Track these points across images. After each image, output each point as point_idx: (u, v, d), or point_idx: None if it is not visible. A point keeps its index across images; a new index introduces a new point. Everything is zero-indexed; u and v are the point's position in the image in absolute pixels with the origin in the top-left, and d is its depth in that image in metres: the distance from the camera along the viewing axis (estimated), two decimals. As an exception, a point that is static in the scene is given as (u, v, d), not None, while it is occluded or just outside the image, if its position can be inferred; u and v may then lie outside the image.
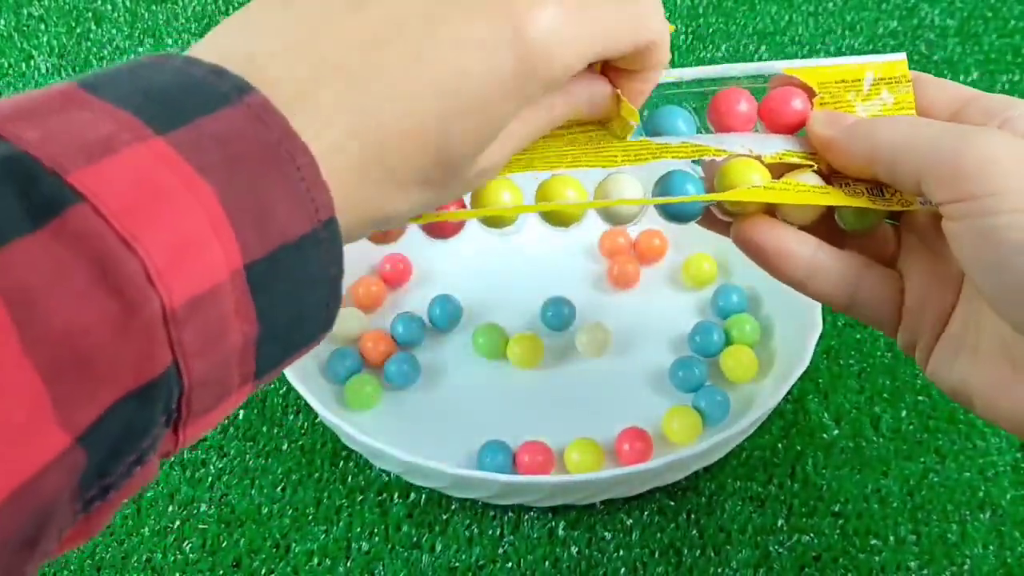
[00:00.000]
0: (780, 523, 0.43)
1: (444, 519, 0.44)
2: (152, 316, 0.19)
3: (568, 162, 0.33)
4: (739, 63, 0.34)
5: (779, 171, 0.33)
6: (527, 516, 0.44)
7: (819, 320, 0.45)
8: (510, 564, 0.42)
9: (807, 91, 0.34)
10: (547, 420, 0.46)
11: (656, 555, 0.43)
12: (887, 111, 0.34)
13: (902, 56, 0.34)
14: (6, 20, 0.66)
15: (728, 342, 0.48)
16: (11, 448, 0.18)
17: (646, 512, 0.44)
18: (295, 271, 0.22)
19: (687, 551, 0.43)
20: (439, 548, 0.43)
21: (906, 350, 0.33)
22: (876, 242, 0.34)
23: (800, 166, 0.33)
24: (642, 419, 0.45)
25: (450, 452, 0.44)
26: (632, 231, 0.53)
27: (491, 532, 0.43)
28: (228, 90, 0.22)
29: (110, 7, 0.67)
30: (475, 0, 0.25)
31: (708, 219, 0.35)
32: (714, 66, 0.34)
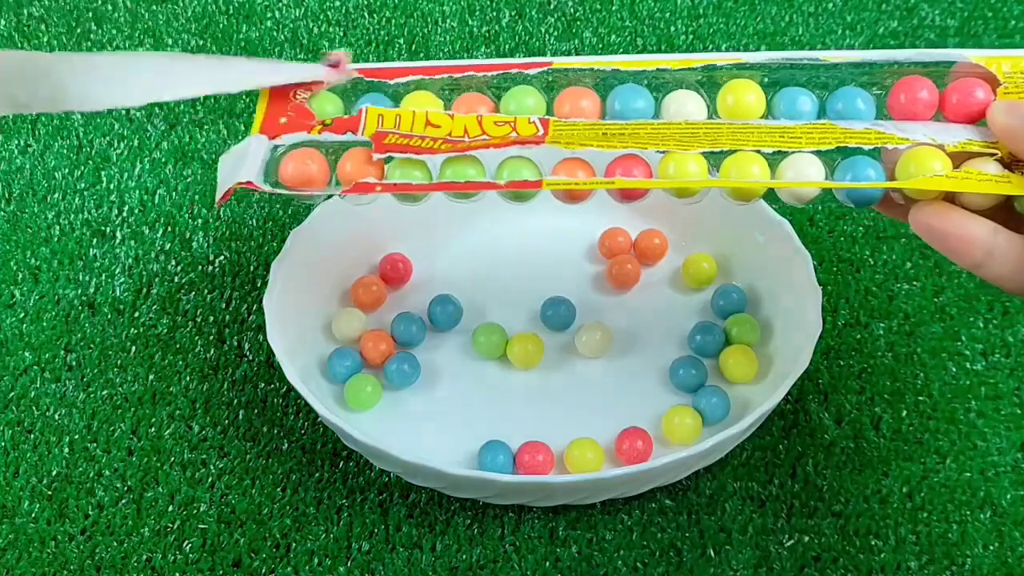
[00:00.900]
0: (780, 523, 0.43)
1: (444, 519, 0.44)
2: None
3: (753, 141, 0.35)
4: (920, 49, 0.35)
5: (960, 159, 0.34)
6: (527, 516, 0.44)
7: (819, 320, 0.45)
8: (511, 564, 0.42)
9: (990, 81, 0.35)
10: (547, 420, 0.46)
11: (656, 555, 0.43)
12: None
13: None
14: (6, 20, 0.66)
15: (728, 342, 0.48)
16: None
17: (646, 512, 0.44)
18: None
19: (687, 551, 0.43)
20: (439, 548, 0.43)
21: None
22: None
23: (982, 154, 0.34)
24: (642, 419, 0.45)
25: (450, 452, 0.44)
26: (632, 231, 0.53)
27: (492, 532, 0.43)
28: None
29: (110, 7, 0.67)
30: None
31: (885, 204, 0.36)
32: (894, 51, 0.35)
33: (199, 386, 0.48)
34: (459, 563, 0.42)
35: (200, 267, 0.53)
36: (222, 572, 0.42)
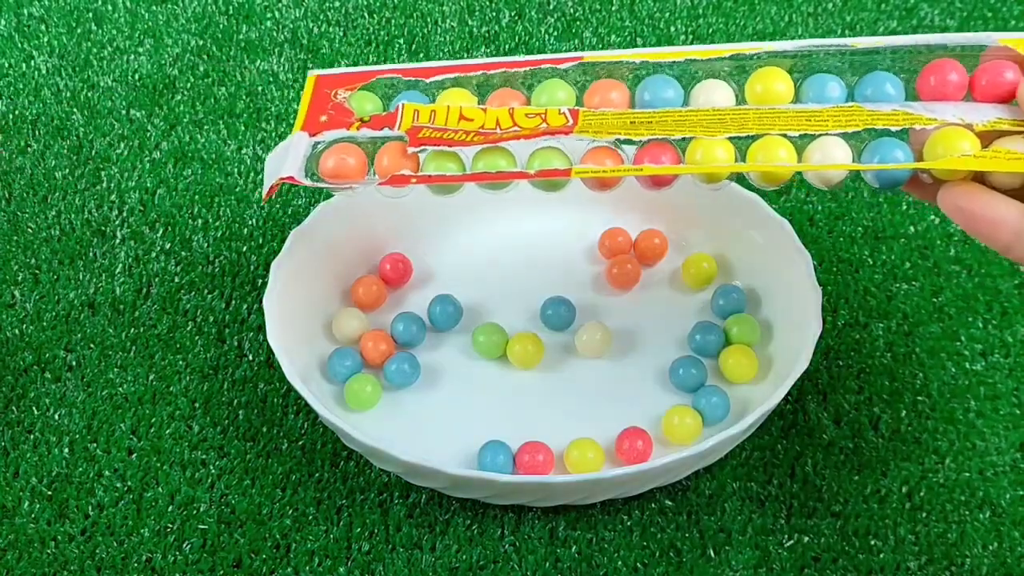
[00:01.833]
0: (780, 523, 0.43)
1: (445, 519, 0.44)
2: None
3: (780, 125, 0.35)
4: (949, 33, 0.36)
5: (989, 139, 0.34)
6: (528, 516, 0.44)
7: (819, 320, 0.45)
8: (511, 564, 0.42)
9: (1020, 63, 0.35)
10: (547, 420, 0.46)
11: (656, 555, 0.43)
12: None
13: None
14: (6, 20, 0.66)
15: (728, 342, 0.48)
16: None
17: (646, 512, 0.44)
18: None
19: (687, 551, 0.43)
20: (439, 548, 0.43)
21: None
22: None
23: (1012, 133, 0.34)
24: (642, 419, 0.45)
25: (450, 452, 0.44)
26: (632, 231, 0.53)
27: (492, 532, 0.43)
28: None
29: (110, 7, 0.67)
30: None
31: (914, 185, 0.36)
32: (924, 35, 0.36)
33: (199, 386, 0.48)
34: (459, 563, 0.42)
35: (200, 267, 0.53)
36: (222, 572, 0.42)
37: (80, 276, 0.53)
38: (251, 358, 0.49)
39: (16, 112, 0.61)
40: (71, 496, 0.44)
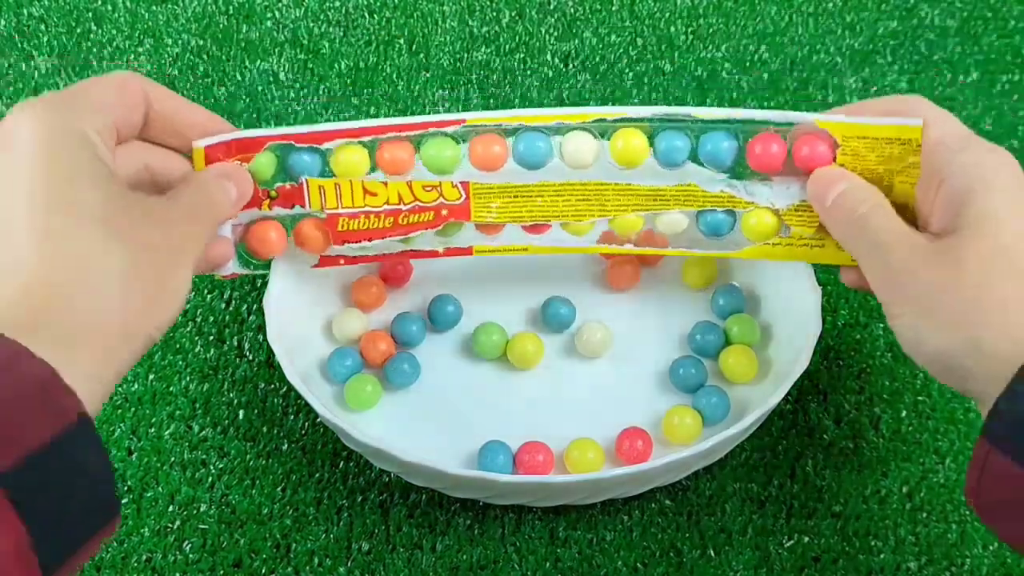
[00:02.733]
0: (780, 524, 0.43)
1: (445, 520, 0.44)
2: None
3: (633, 205, 0.43)
4: (770, 110, 0.42)
5: (793, 218, 0.43)
6: (528, 516, 0.44)
7: (818, 320, 0.45)
8: (511, 565, 0.42)
9: (830, 143, 0.41)
10: (547, 420, 0.46)
11: (656, 555, 0.43)
12: (896, 169, 0.40)
13: (918, 122, 0.39)
14: (6, 20, 0.66)
15: (728, 342, 0.48)
16: None
17: (646, 512, 0.44)
18: (53, 473, 0.25)
19: (687, 551, 0.43)
20: (440, 548, 0.43)
21: None
22: None
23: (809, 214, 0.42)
24: (642, 419, 0.45)
25: (451, 452, 0.44)
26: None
27: (492, 533, 0.43)
28: None
29: (110, 7, 0.67)
30: None
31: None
32: (755, 111, 0.42)
33: (199, 386, 0.48)
34: (459, 563, 0.42)
35: (200, 267, 0.53)
36: (222, 572, 0.42)
37: (80, 276, 0.52)
38: (251, 358, 0.49)
39: (16, 112, 0.61)
40: (71, 496, 0.44)
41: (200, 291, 0.52)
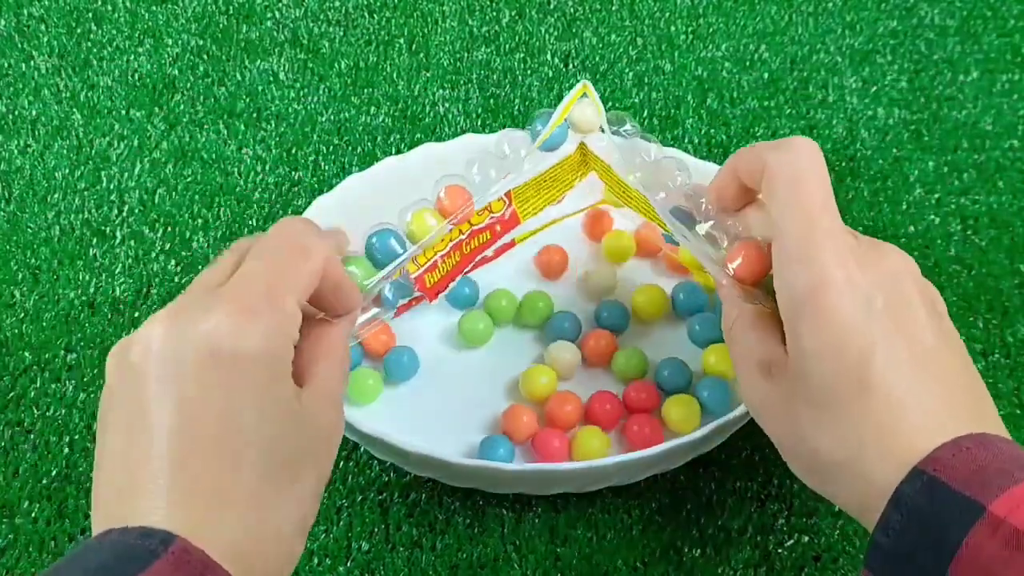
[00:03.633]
0: (780, 523, 0.43)
1: (444, 518, 0.44)
2: None
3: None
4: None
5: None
6: (528, 515, 0.44)
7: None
8: (511, 563, 0.42)
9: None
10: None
11: (657, 554, 0.43)
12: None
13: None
14: (6, 20, 0.66)
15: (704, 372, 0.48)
16: None
17: (647, 511, 0.44)
18: None
19: (687, 550, 0.43)
20: (440, 547, 0.43)
21: None
22: None
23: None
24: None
25: (451, 441, 0.44)
26: (630, 228, 0.53)
27: (492, 531, 0.43)
28: (156, 546, 0.28)
29: (110, 7, 0.67)
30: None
31: None
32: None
33: (199, 386, 0.48)
34: (459, 562, 0.42)
35: (200, 267, 0.53)
36: (222, 572, 0.42)
37: (80, 276, 0.53)
38: (251, 358, 0.49)
39: (16, 112, 0.61)
40: (71, 496, 0.44)
41: (200, 291, 0.52)
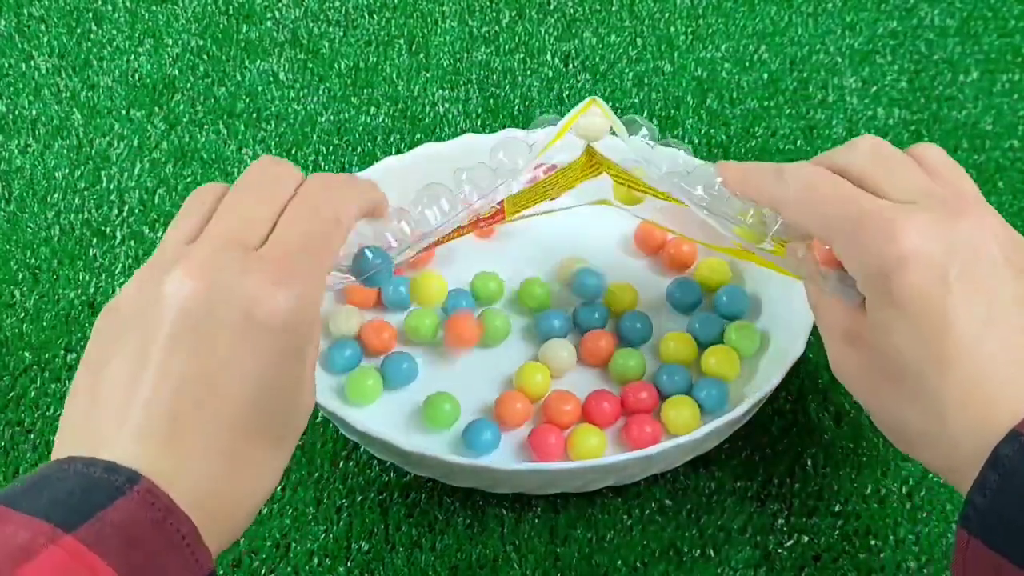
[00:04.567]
0: (780, 523, 0.43)
1: (444, 518, 0.44)
2: None
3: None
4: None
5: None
6: (527, 515, 0.44)
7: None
8: (511, 563, 0.42)
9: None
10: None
11: (656, 554, 0.43)
12: None
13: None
14: (6, 20, 0.66)
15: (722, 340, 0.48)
16: None
17: (647, 511, 0.44)
18: None
19: (687, 550, 0.43)
20: (439, 547, 0.43)
21: None
22: None
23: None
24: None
25: (449, 438, 0.44)
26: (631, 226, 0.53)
27: (492, 531, 0.43)
28: (121, 483, 0.28)
29: (110, 7, 0.67)
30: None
31: None
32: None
33: (199, 386, 0.48)
34: (459, 562, 0.42)
35: (200, 267, 0.53)
36: (222, 572, 0.42)
37: (80, 276, 0.53)
38: (251, 358, 0.49)
39: (16, 112, 0.61)
40: (71, 496, 0.44)
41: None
